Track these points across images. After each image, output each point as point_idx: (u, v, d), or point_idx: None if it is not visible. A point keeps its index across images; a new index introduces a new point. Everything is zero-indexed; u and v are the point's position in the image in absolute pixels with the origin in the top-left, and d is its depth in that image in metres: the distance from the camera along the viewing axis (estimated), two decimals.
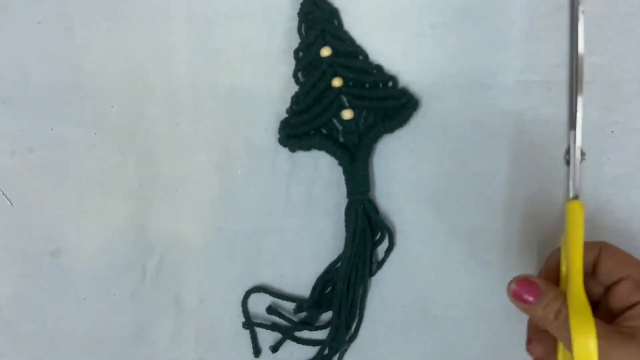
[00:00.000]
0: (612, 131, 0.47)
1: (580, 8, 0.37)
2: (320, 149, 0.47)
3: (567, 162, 0.38)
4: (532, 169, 0.47)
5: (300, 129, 0.47)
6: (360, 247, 0.46)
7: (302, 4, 0.47)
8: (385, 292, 0.48)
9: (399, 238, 0.48)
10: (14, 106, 0.49)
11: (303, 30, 0.47)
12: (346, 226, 0.47)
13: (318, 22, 0.46)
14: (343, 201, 0.48)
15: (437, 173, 0.48)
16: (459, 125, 0.47)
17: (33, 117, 0.49)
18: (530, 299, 0.35)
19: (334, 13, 0.47)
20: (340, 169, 0.47)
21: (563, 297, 0.34)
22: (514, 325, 0.48)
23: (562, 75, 0.47)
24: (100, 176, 0.49)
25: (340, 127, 0.48)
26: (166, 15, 0.49)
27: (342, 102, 0.47)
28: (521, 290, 0.35)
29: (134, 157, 0.49)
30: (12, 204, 0.50)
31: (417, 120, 0.48)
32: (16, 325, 0.50)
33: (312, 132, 0.47)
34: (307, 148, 0.47)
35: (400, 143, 0.48)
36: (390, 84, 0.47)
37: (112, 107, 0.49)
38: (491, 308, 0.48)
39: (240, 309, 0.49)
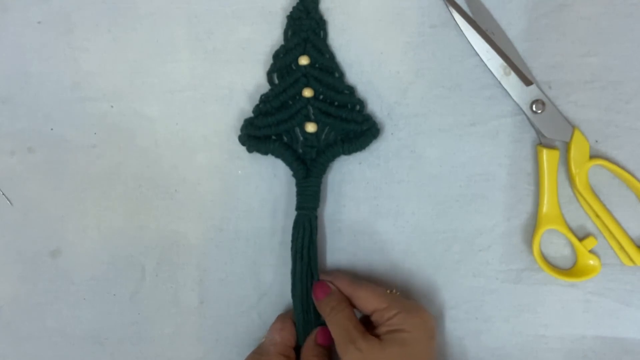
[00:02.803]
0: (612, 131, 0.47)
1: None
2: (277, 156, 0.47)
3: (534, 113, 0.46)
4: (532, 169, 0.47)
5: (263, 131, 0.47)
6: (305, 264, 0.46)
7: (293, 9, 0.47)
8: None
9: (399, 238, 0.48)
10: (14, 106, 0.49)
11: (289, 34, 0.47)
12: (292, 241, 0.47)
13: (303, 30, 0.47)
14: (343, 202, 0.48)
15: (437, 173, 0.48)
16: (459, 125, 0.47)
17: (33, 117, 0.49)
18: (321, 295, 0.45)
19: (321, 24, 0.47)
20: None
21: (341, 300, 0.45)
22: (513, 325, 0.48)
23: (562, 75, 0.47)
24: (100, 176, 0.49)
25: (302, 139, 0.48)
26: (166, 15, 0.49)
27: (309, 114, 0.48)
28: (317, 288, 0.46)
29: (134, 157, 0.49)
30: (12, 204, 0.50)
31: (417, 120, 0.48)
32: (16, 325, 0.50)
33: (274, 137, 0.47)
34: (265, 152, 0.47)
35: (400, 143, 0.48)
36: (358, 107, 0.47)
37: (112, 107, 0.49)
38: (491, 308, 0.48)
39: (240, 309, 0.49)
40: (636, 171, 0.46)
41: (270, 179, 0.49)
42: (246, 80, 0.48)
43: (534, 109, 0.45)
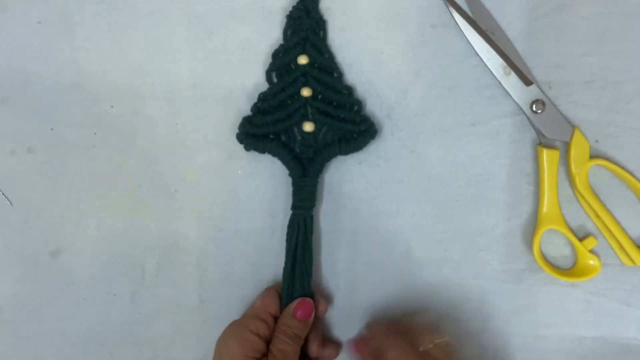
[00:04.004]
0: (612, 131, 0.47)
1: None
2: (274, 155, 0.47)
3: (534, 113, 0.46)
4: (532, 169, 0.47)
5: (261, 129, 0.47)
6: (300, 263, 0.46)
7: (293, 8, 0.47)
8: (385, 292, 0.48)
9: (399, 238, 0.48)
10: (14, 106, 0.49)
11: (288, 34, 0.47)
12: (287, 240, 0.47)
13: (303, 30, 0.47)
14: (343, 202, 0.48)
15: (437, 173, 0.48)
16: (459, 125, 0.47)
17: (33, 117, 0.49)
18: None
19: (321, 24, 0.47)
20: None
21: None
22: (513, 325, 0.48)
23: (562, 75, 0.47)
24: (100, 176, 0.49)
25: (299, 138, 0.48)
26: (166, 15, 0.49)
27: (307, 114, 0.48)
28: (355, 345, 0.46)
29: (134, 157, 0.49)
30: (12, 204, 0.50)
31: (417, 120, 0.48)
32: (16, 325, 0.50)
33: (272, 135, 0.47)
34: (262, 151, 0.47)
35: (400, 143, 0.48)
36: (356, 108, 0.47)
37: (112, 107, 0.49)
38: (491, 308, 0.48)
39: (240, 309, 0.49)
40: (636, 171, 0.46)
41: (270, 179, 0.49)
42: (246, 80, 0.48)
43: (534, 109, 0.45)
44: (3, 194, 0.50)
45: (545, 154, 0.45)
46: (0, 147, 0.50)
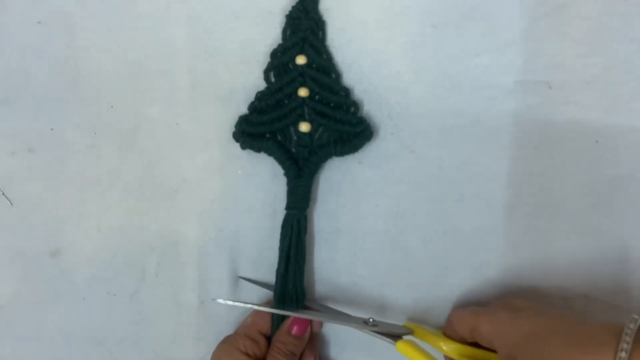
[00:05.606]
0: (612, 131, 0.47)
1: None
2: (270, 154, 0.47)
3: None
4: (532, 169, 0.47)
5: (257, 128, 0.47)
6: (293, 263, 0.47)
7: (292, 8, 0.47)
8: (385, 293, 0.48)
9: (399, 238, 0.48)
10: (14, 106, 0.49)
11: (287, 34, 0.47)
12: (280, 240, 0.47)
13: (302, 30, 0.47)
14: (343, 202, 0.48)
15: (437, 173, 0.48)
16: (459, 125, 0.47)
17: (33, 117, 0.49)
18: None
19: (320, 25, 0.47)
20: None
21: None
22: None
23: (562, 75, 0.47)
24: (100, 176, 0.49)
25: (295, 138, 0.48)
26: (166, 15, 0.49)
27: (303, 114, 0.48)
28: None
29: (134, 157, 0.49)
30: (12, 204, 0.50)
31: (417, 120, 0.48)
32: (16, 325, 0.50)
33: (268, 135, 0.47)
34: (258, 150, 0.47)
35: (400, 143, 0.48)
36: (353, 109, 0.47)
37: (112, 107, 0.49)
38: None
39: (240, 309, 0.49)
40: (636, 171, 0.46)
41: (270, 179, 0.49)
42: (246, 80, 0.48)
43: None
44: (3, 194, 0.50)
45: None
46: (0, 147, 0.50)
